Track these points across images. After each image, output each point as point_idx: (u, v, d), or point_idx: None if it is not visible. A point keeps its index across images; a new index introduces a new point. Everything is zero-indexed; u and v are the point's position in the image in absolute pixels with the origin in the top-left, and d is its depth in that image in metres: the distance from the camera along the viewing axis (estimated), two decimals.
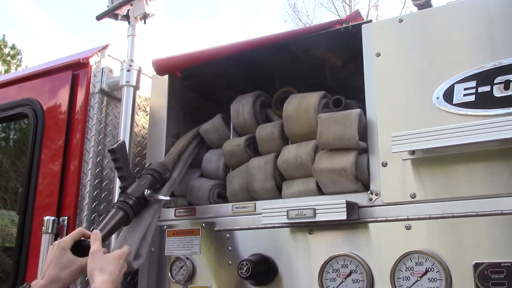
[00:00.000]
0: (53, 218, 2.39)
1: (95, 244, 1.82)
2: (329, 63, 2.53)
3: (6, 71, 20.16)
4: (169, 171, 2.33)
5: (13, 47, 22.41)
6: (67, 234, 2.37)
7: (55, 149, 2.59)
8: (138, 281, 2.40)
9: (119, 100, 2.61)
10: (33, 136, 2.67)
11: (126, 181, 2.09)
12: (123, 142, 2.11)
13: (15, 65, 22.02)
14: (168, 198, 2.21)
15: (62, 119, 2.62)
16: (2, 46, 21.82)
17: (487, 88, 1.77)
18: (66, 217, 2.41)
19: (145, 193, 2.09)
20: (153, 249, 2.36)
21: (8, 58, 21.99)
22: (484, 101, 1.75)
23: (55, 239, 2.36)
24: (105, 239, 1.93)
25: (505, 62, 1.77)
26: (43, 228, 2.36)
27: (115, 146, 2.06)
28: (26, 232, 2.52)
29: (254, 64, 2.53)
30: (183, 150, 2.49)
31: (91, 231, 1.89)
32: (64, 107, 2.62)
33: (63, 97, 2.64)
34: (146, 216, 2.10)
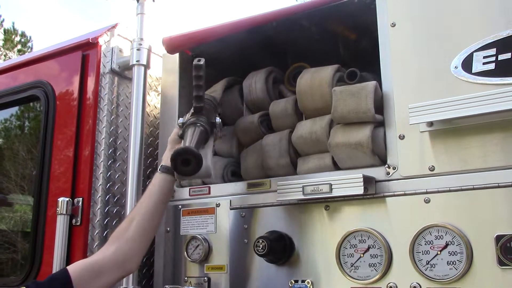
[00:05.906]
0: (67, 199, 2.39)
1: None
2: (342, 36, 2.47)
3: None
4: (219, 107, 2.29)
5: (22, 35, 22.47)
6: (82, 215, 2.38)
7: (67, 131, 2.58)
8: (155, 261, 2.40)
9: (130, 80, 2.58)
10: (45, 118, 2.66)
11: (202, 103, 1.99)
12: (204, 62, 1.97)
13: (27, 53, 22.12)
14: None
15: (73, 101, 2.60)
16: (12, 34, 21.89)
17: (507, 56, 1.70)
18: (81, 198, 2.41)
19: (217, 121, 2.06)
20: (168, 228, 2.35)
21: (19, 46, 22.08)
22: (505, 69, 1.69)
23: (70, 220, 2.37)
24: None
25: None
26: (57, 209, 2.36)
27: (201, 62, 1.92)
28: (42, 215, 2.52)
29: (266, 39, 2.48)
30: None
31: None
32: (75, 88, 2.60)
33: (73, 78, 2.62)
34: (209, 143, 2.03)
